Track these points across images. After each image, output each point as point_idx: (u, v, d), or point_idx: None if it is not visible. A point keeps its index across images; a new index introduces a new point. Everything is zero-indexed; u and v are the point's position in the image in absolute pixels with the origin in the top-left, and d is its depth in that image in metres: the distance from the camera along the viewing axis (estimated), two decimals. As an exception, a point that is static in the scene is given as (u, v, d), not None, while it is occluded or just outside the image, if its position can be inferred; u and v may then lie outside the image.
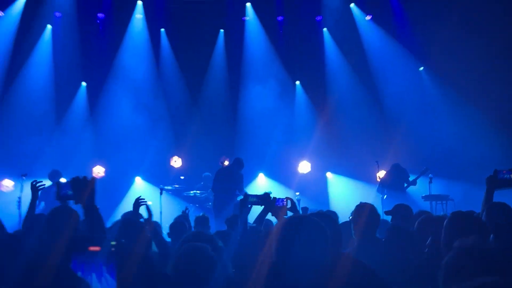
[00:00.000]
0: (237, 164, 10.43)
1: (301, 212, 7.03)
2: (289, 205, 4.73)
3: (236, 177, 10.25)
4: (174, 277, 2.90)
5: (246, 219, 4.63)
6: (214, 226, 8.27)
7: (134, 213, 5.00)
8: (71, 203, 3.26)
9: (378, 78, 13.57)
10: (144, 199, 5.19)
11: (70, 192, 3.04)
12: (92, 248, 2.53)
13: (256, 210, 4.85)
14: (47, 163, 11.26)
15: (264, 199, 4.74)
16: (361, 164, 12.55)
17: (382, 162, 11.40)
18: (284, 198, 4.70)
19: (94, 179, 3.01)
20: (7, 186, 11.81)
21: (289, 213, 4.65)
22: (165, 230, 6.08)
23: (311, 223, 2.50)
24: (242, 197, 4.80)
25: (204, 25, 13.55)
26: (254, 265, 2.92)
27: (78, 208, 3.20)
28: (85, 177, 3.00)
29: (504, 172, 4.32)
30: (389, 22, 13.56)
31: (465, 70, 11.95)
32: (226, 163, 11.24)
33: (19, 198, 9.48)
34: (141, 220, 4.94)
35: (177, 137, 13.64)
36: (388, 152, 11.98)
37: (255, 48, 13.94)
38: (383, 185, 10.78)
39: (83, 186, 2.96)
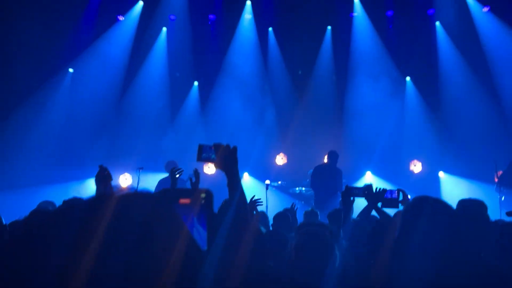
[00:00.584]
0: (331, 157, 10.24)
1: None
2: (400, 198, 4.58)
3: (333, 173, 10.06)
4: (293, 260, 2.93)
5: (349, 213, 4.47)
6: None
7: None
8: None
9: (496, 73, 12.76)
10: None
11: (213, 156, 3.06)
12: (182, 201, 2.53)
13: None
14: (162, 158, 11.86)
15: (367, 190, 4.59)
16: (477, 164, 11.89)
17: (501, 161, 10.69)
18: (395, 190, 4.54)
19: (235, 148, 3.03)
20: (126, 179, 12.61)
21: (401, 207, 4.50)
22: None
23: (441, 207, 2.45)
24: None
25: (311, 22, 13.58)
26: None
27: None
28: (228, 145, 2.94)
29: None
30: (509, 13, 12.66)
31: None
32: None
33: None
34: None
35: (283, 134, 13.79)
36: (508, 151, 11.24)
37: (363, 44, 13.74)
38: (501, 184, 10.08)
39: (226, 152, 2.92)
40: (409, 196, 4.69)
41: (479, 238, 3.86)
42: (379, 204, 4.57)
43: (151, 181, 10.64)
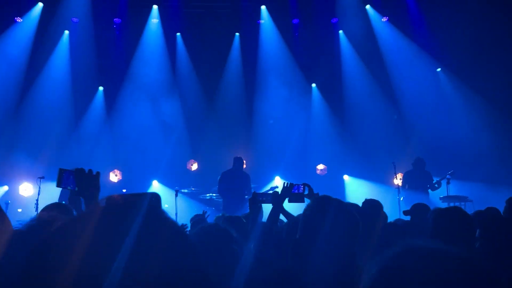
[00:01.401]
0: (237, 163, 10.31)
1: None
2: (306, 192, 4.65)
3: (242, 178, 10.13)
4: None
5: (256, 219, 4.42)
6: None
7: None
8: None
9: (395, 79, 13.59)
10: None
11: (70, 185, 2.95)
12: None
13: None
14: (64, 167, 11.35)
15: (274, 196, 4.60)
16: (378, 167, 12.52)
17: (399, 164, 11.29)
18: (301, 184, 4.59)
19: (98, 174, 2.91)
20: (25, 190, 11.96)
21: (307, 200, 4.55)
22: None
23: (343, 207, 2.52)
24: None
25: (220, 28, 13.68)
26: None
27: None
28: (90, 171, 2.86)
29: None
30: (406, 23, 13.52)
31: (484, 71, 11.89)
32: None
33: (37, 201, 9.56)
34: None
35: (193, 141, 13.77)
36: (406, 154, 11.92)
37: (270, 51, 14.04)
38: (405, 183, 10.56)
39: (88, 179, 2.84)
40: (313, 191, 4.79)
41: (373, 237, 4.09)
42: (287, 200, 4.61)
43: (52, 191, 10.15)
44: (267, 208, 4.79)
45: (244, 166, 11.13)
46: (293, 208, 4.71)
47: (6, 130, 12.33)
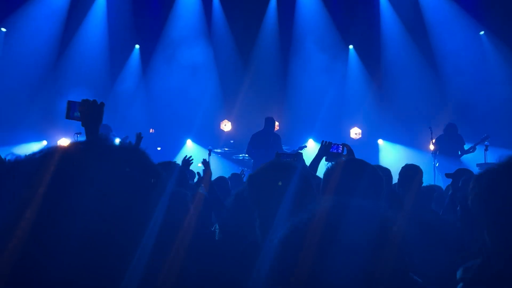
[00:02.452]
0: (268, 123, 10.22)
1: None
2: (345, 152, 4.59)
3: (271, 139, 10.01)
4: None
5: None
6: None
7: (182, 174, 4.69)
8: None
9: (436, 42, 13.19)
10: (192, 158, 5.09)
11: (77, 114, 3.02)
12: None
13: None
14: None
15: (298, 158, 4.54)
16: (415, 131, 12.30)
17: (436, 129, 11.06)
18: (340, 144, 4.53)
19: (102, 104, 2.94)
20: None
21: None
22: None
23: (372, 171, 2.46)
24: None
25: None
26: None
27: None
28: (94, 101, 2.93)
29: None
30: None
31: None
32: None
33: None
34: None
35: (227, 101, 13.76)
36: (444, 119, 11.64)
37: (307, 11, 13.78)
38: (436, 149, 10.42)
39: (92, 109, 2.90)
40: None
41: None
42: (324, 158, 4.57)
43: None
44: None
45: (277, 128, 11.09)
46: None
47: (45, 86, 12.55)
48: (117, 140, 9.38)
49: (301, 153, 4.65)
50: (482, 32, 12.93)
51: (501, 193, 1.70)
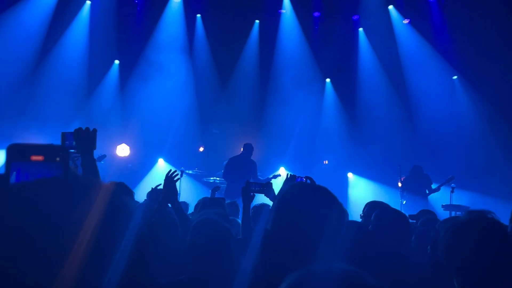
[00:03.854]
0: (246, 149, 10.30)
1: None
2: None
3: (248, 165, 10.10)
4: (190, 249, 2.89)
5: (248, 208, 4.42)
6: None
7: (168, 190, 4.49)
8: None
9: (410, 82, 13.57)
10: (177, 173, 4.93)
11: (73, 143, 3.12)
12: (34, 157, 2.46)
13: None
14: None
15: (267, 187, 4.58)
16: (384, 168, 12.52)
17: (405, 167, 11.29)
18: (304, 177, 4.58)
19: (95, 130, 3.11)
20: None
21: None
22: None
23: (324, 193, 2.14)
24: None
25: (240, 14, 13.64)
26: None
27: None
28: (87, 128, 3.10)
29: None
30: (427, 27, 13.43)
31: (499, 84, 11.80)
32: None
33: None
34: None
35: (202, 123, 13.77)
36: (413, 158, 11.90)
37: (288, 42, 14.02)
38: (404, 189, 10.68)
39: (85, 137, 3.07)
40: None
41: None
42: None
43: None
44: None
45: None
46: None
47: (19, 97, 12.37)
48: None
49: (271, 183, 4.69)
50: (455, 77, 13.34)
51: (467, 246, 1.83)
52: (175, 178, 4.46)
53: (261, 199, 5.12)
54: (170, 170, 4.72)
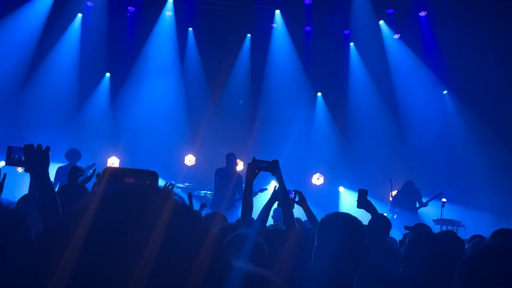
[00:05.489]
0: (229, 160, 10.05)
1: None
2: (297, 199, 4.66)
3: (233, 177, 9.88)
4: None
5: (251, 184, 4.45)
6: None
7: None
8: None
9: (401, 97, 13.61)
10: (171, 186, 4.83)
11: (23, 158, 2.92)
12: (127, 179, 2.41)
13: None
14: (63, 148, 11.33)
15: (273, 165, 4.54)
16: (375, 182, 12.49)
17: (396, 181, 11.33)
18: (293, 191, 4.58)
19: (48, 148, 2.91)
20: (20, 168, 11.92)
21: (296, 206, 4.57)
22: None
23: None
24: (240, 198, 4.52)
25: (232, 28, 13.68)
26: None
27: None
28: (39, 145, 2.88)
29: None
30: (417, 43, 13.54)
31: (490, 99, 11.93)
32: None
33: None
34: None
35: (193, 136, 13.72)
36: (404, 172, 11.94)
37: (280, 56, 14.06)
38: (395, 203, 10.73)
39: (37, 155, 2.86)
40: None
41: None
42: (277, 203, 4.61)
43: (49, 170, 10.10)
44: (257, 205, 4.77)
45: (242, 167, 11.09)
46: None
47: (9, 108, 12.30)
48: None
49: (277, 160, 4.67)
50: (445, 92, 13.44)
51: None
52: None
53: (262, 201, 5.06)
54: (166, 183, 4.63)
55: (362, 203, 4.84)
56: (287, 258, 3.10)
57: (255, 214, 4.58)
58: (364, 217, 5.02)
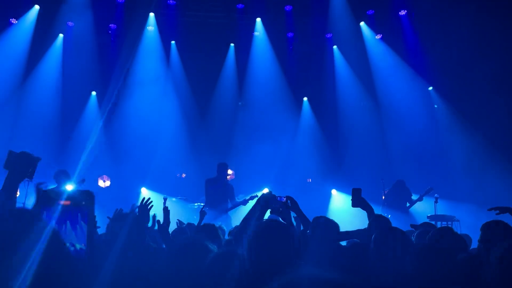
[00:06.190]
0: (220, 170, 9.98)
1: None
2: (289, 205, 4.65)
3: (225, 187, 9.85)
4: None
5: (252, 218, 4.23)
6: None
7: (142, 218, 4.43)
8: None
9: (386, 96, 13.67)
10: (151, 201, 4.83)
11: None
12: (64, 202, 2.47)
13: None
14: (52, 172, 11.26)
15: (289, 207, 4.56)
16: (367, 182, 12.50)
17: (388, 181, 11.39)
18: (284, 197, 4.57)
19: (38, 159, 3.05)
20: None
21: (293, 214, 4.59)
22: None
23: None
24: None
25: (215, 38, 13.74)
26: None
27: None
28: (22, 153, 3.11)
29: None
30: (399, 42, 13.63)
31: (474, 94, 12.04)
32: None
33: (23, 204, 9.39)
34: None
35: (184, 149, 13.70)
36: (394, 171, 12.00)
37: (264, 63, 14.09)
38: (386, 203, 10.78)
39: (28, 162, 3.07)
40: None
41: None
42: (269, 211, 4.58)
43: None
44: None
45: (233, 176, 11.08)
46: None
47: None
48: (70, 187, 9.10)
49: (295, 201, 4.69)
50: (430, 88, 13.56)
51: None
52: (149, 206, 4.45)
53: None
54: (144, 198, 4.65)
55: (357, 201, 4.90)
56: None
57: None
58: (363, 217, 5.08)
